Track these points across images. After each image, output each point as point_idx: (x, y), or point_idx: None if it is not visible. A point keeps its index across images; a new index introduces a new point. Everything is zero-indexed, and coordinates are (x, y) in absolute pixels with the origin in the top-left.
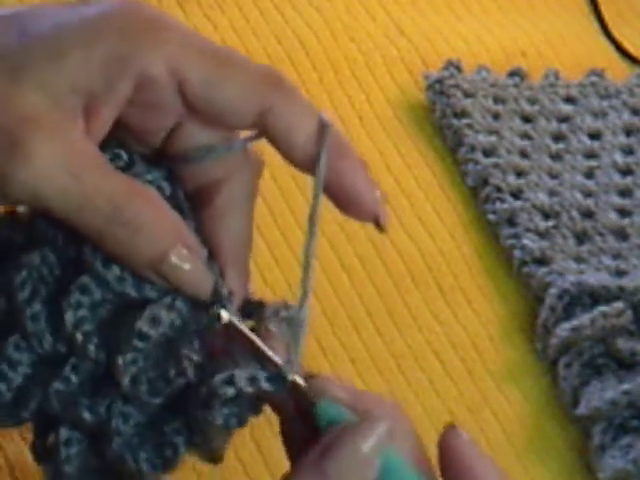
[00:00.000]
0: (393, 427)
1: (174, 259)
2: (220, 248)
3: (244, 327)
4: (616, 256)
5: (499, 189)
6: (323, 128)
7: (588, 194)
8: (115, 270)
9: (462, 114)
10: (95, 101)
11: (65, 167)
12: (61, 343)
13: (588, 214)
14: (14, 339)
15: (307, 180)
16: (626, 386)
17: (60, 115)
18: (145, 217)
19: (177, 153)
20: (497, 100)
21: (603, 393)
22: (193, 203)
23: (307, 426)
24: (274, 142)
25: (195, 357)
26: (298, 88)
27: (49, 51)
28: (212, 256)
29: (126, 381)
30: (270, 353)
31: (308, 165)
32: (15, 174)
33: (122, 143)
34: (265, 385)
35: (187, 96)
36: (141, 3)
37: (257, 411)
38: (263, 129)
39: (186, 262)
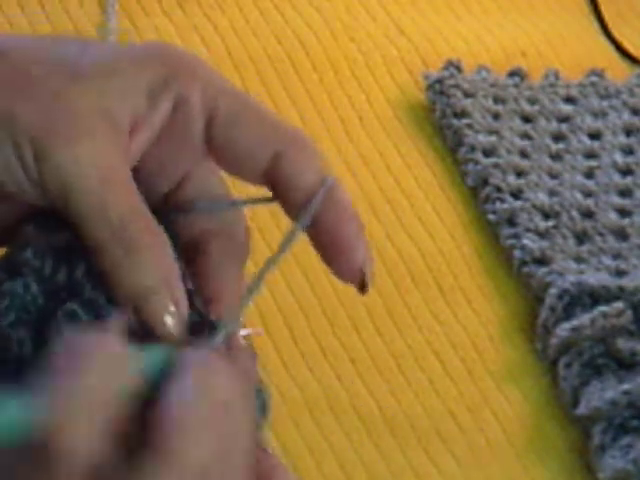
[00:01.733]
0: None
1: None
2: (210, 298)
3: None
4: (616, 256)
5: (499, 189)
6: (322, 181)
7: (588, 194)
8: (103, 296)
9: (462, 114)
10: (138, 118)
11: (99, 169)
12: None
13: (588, 214)
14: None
15: None
16: (626, 386)
17: (108, 124)
18: (146, 242)
19: (182, 202)
20: (497, 100)
21: (603, 393)
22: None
23: None
24: (278, 185)
25: None
26: (310, 139)
27: (105, 67)
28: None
29: None
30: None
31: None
32: (56, 154)
33: None
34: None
35: (212, 131)
36: (175, 46)
37: None
38: (272, 174)
39: (168, 315)
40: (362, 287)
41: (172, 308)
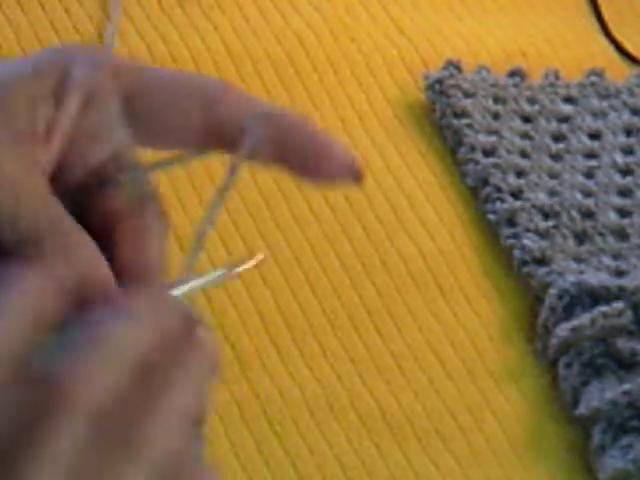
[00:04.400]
0: None
1: None
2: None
3: None
4: (616, 256)
5: (499, 189)
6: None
7: (588, 194)
8: None
9: (462, 114)
10: (49, 123)
11: (4, 181)
12: None
13: (588, 214)
14: None
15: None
16: (626, 386)
17: (8, 137)
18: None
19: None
20: (497, 100)
21: (603, 393)
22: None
23: None
24: (216, 135)
25: None
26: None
27: (3, 83)
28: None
29: None
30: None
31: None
32: None
33: None
34: None
35: (134, 110)
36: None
37: None
38: (207, 127)
39: None
40: (358, 177)
41: None
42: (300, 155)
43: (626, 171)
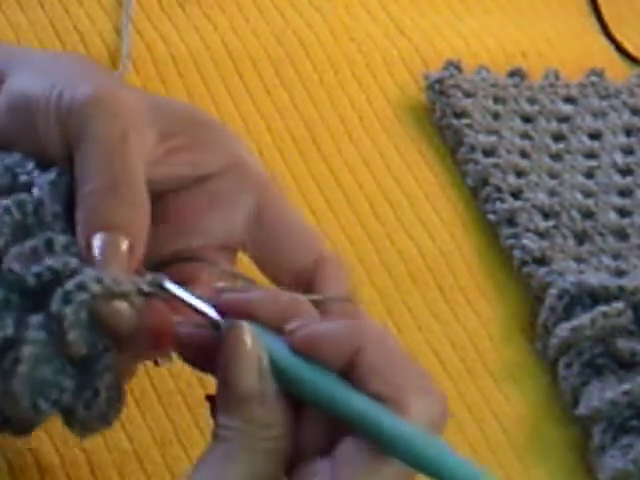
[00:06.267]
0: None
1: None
2: None
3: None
4: (616, 256)
5: (499, 189)
6: None
7: (588, 194)
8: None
9: (462, 114)
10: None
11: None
12: None
13: (588, 214)
14: None
15: (308, 183)
16: (626, 386)
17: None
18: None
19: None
20: (497, 100)
21: (603, 393)
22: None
23: None
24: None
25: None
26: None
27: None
28: None
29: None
30: (199, 303)
31: None
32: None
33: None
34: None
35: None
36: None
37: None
38: (305, 279)
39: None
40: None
41: (124, 247)
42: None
43: (626, 171)
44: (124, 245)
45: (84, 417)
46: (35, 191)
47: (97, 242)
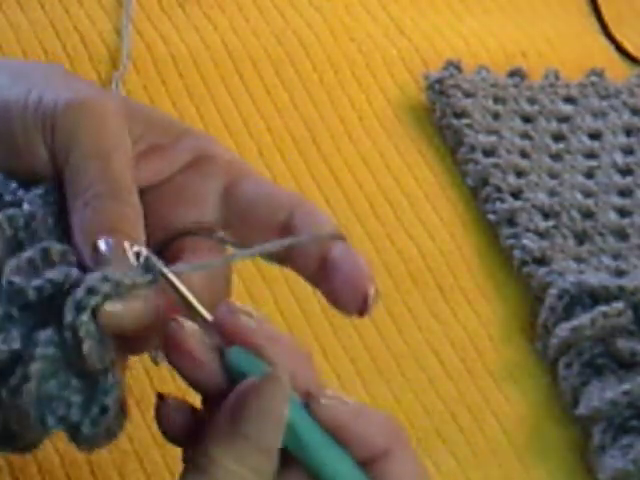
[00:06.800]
0: (295, 372)
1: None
2: None
3: (172, 276)
4: (616, 256)
5: (499, 189)
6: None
7: (588, 194)
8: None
9: (462, 114)
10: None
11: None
12: None
13: (588, 214)
14: None
15: (308, 183)
16: (626, 386)
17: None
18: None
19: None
20: (497, 100)
21: (603, 393)
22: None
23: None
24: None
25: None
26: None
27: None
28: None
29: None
30: (193, 300)
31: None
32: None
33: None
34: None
35: (233, 193)
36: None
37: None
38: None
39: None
40: (363, 310)
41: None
42: (332, 284)
43: (626, 171)
44: (129, 247)
45: (91, 434)
46: (25, 206)
47: (104, 245)
